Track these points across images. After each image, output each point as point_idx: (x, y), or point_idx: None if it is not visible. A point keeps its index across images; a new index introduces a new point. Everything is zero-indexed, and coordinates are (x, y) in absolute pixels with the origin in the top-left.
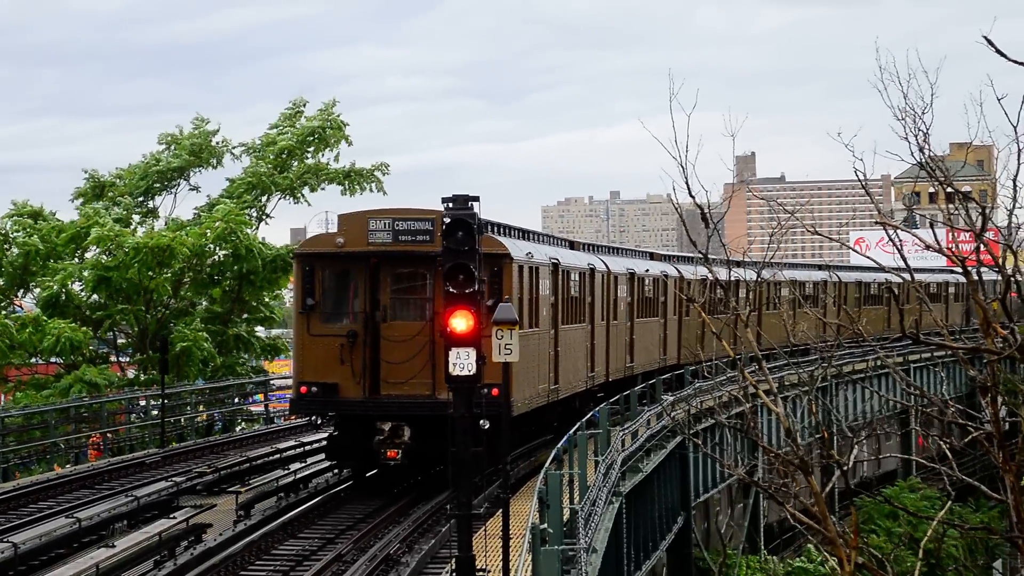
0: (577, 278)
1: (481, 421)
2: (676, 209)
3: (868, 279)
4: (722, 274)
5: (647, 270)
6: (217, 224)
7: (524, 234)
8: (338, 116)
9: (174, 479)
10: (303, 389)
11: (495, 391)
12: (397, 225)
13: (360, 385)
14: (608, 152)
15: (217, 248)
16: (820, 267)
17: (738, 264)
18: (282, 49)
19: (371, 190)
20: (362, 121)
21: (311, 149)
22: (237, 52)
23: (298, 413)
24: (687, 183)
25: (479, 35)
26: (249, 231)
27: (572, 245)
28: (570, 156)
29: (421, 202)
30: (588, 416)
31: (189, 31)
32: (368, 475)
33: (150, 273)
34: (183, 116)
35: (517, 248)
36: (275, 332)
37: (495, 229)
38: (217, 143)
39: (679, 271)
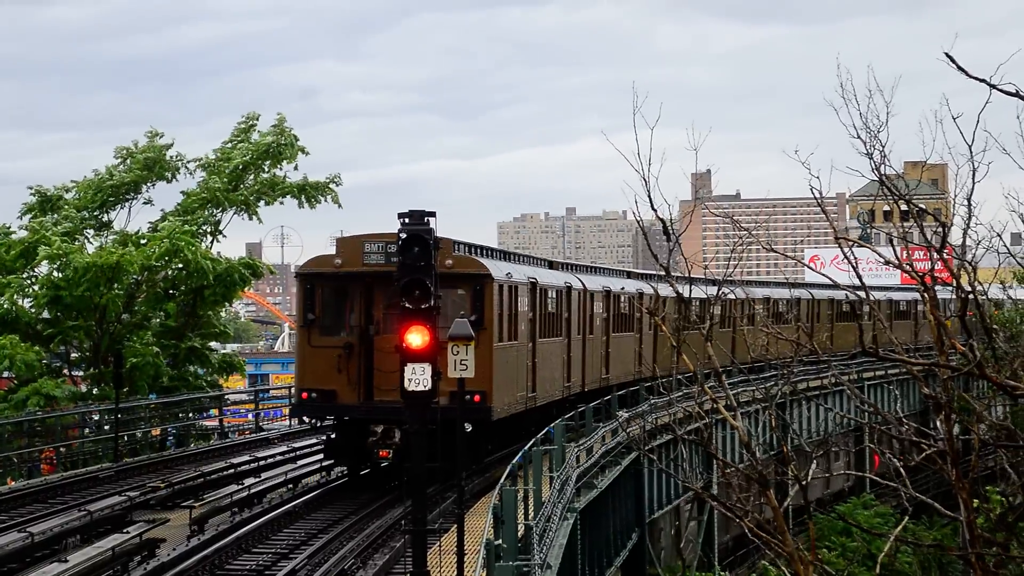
0: (554, 295)
1: (465, 424)
2: (638, 223)
3: (840, 296)
4: (692, 292)
5: (623, 288)
6: (163, 242)
7: (505, 255)
8: (291, 131)
9: (127, 494)
10: (304, 395)
11: (476, 397)
12: (389, 248)
13: (356, 392)
14: (567, 169)
15: (166, 264)
16: (794, 285)
17: (713, 283)
18: (244, 64)
19: (327, 201)
20: (322, 136)
21: (266, 164)
22: (199, 67)
23: (300, 417)
24: (649, 197)
25: (442, 52)
26: (200, 246)
27: (551, 265)
28: (529, 173)
29: (379, 217)
30: (543, 432)
31: (152, 45)
32: (362, 473)
33: (100, 290)
34: (144, 130)
35: (498, 269)
36: (231, 347)
37: (478, 251)
38: (171, 157)
39: (655, 289)
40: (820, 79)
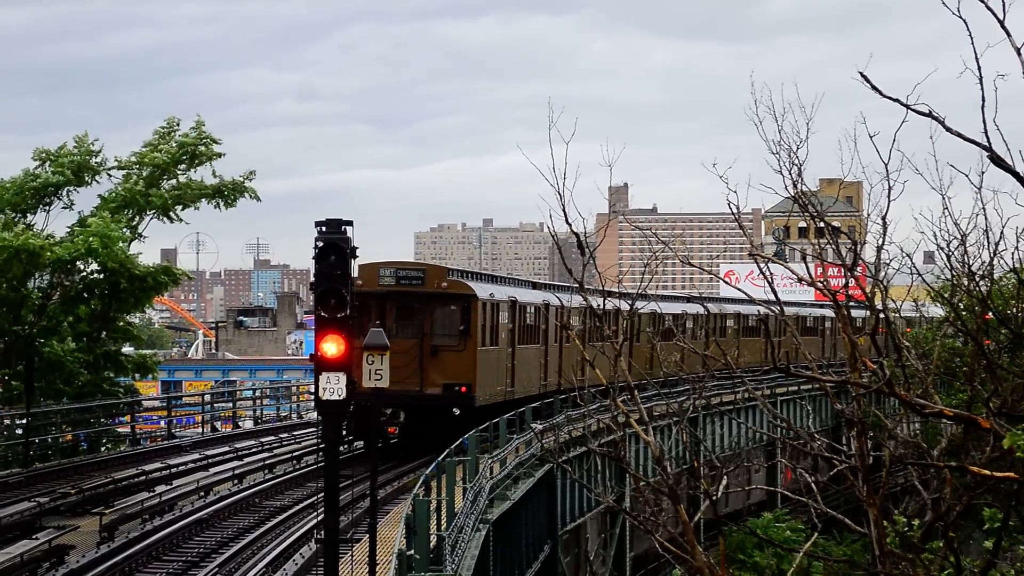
0: (533, 310)
1: (454, 409)
2: (552, 236)
3: (804, 313)
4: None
5: (598, 304)
6: (91, 239)
7: (493, 279)
8: (210, 135)
9: (37, 499)
10: None
11: (463, 388)
12: (399, 273)
13: None
14: (493, 181)
15: (87, 263)
16: (764, 302)
17: (687, 299)
18: (178, 71)
19: (246, 198)
20: (252, 143)
21: (183, 167)
22: (133, 73)
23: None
24: (564, 211)
25: (375, 62)
26: (122, 245)
27: (535, 286)
28: (456, 184)
29: (304, 226)
30: (458, 442)
31: (86, 51)
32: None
33: (14, 283)
34: (71, 134)
35: (482, 290)
36: (145, 352)
37: (470, 276)
38: (98, 163)
39: (630, 306)
40: (745, 96)
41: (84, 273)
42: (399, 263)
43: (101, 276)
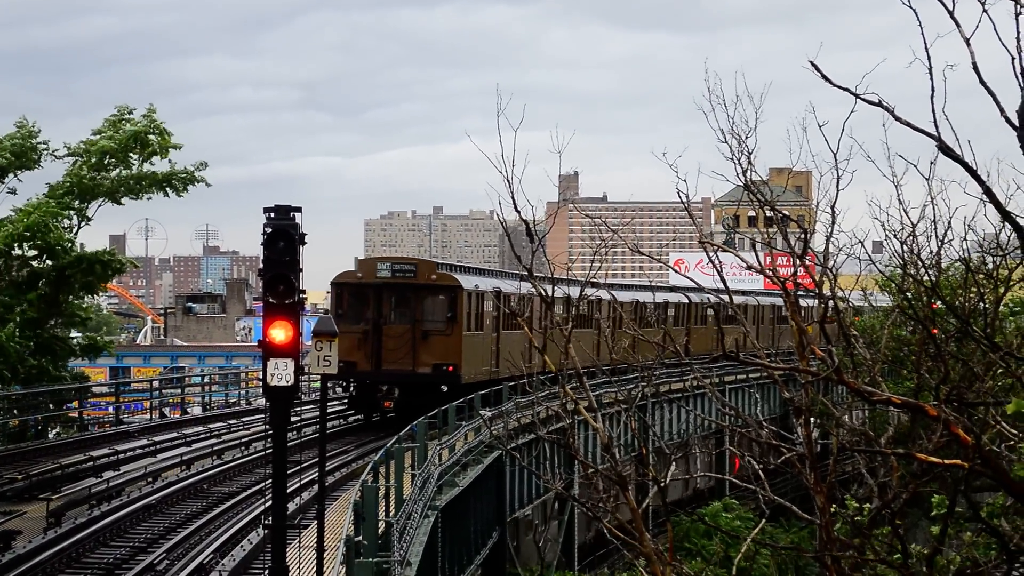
0: (517, 299)
1: (442, 386)
2: (502, 224)
3: (780, 303)
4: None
5: (577, 293)
6: (30, 215)
7: (480, 271)
8: (162, 123)
9: None
10: None
11: (451, 368)
12: (394, 266)
13: (370, 362)
14: (447, 168)
15: (27, 247)
16: (743, 293)
17: (670, 289)
18: (135, 57)
19: (197, 184)
20: (208, 130)
21: (134, 156)
22: (90, 59)
23: (332, 380)
24: (513, 199)
25: (332, 50)
26: (64, 230)
27: (522, 278)
28: (410, 171)
29: (254, 210)
30: (407, 428)
31: (45, 36)
32: (373, 419)
33: None
34: (15, 119)
35: (468, 281)
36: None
37: (458, 269)
38: (39, 143)
39: (612, 295)
40: (698, 85)
41: (27, 258)
42: (394, 258)
43: (46, 263)
